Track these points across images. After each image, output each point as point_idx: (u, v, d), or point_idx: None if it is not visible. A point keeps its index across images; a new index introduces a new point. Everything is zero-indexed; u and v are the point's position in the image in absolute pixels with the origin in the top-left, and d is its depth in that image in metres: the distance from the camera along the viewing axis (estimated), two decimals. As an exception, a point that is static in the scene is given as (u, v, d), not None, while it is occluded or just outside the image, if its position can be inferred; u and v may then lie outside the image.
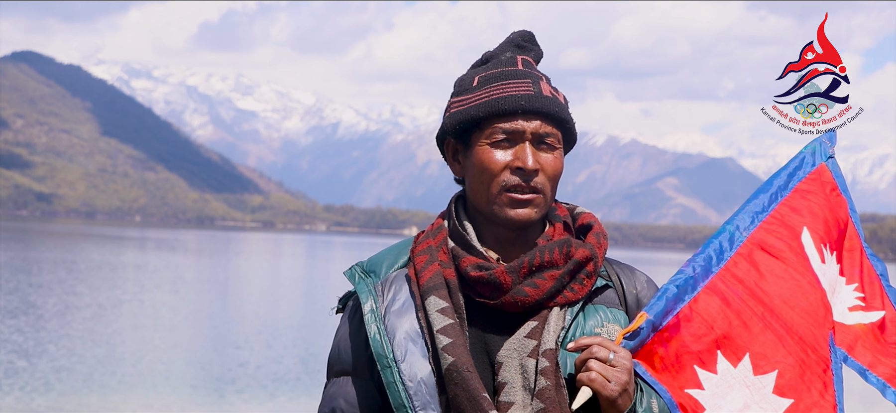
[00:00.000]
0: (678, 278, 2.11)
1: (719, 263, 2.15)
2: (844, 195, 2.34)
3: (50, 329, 21.49)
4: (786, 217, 2.24)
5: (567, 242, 2.02)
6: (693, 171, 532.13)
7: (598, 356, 1.93)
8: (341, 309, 2.13)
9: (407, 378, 1.95)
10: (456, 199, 2.11)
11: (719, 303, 2.11)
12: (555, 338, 1.97)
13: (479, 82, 2.04)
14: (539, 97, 2.01)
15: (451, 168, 2.09)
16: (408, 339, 1.98)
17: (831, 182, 2.33)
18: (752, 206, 2.24)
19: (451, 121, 2.04)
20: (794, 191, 2.27)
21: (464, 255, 2.02)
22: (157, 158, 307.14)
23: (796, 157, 2.32)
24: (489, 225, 2.05)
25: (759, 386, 2.07)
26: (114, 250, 67.43)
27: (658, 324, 2.07)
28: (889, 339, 2.25)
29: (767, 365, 2.08)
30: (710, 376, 2.06)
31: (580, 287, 2.01)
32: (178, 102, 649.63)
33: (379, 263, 2.10)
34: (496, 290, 1.98)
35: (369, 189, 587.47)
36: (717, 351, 2.07)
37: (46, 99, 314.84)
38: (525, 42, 2.10)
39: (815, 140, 2.34)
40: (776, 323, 2.11)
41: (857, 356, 2.19)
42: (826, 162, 2.33)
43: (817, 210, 2.27)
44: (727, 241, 2.18)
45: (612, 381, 1.92)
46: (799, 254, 2.20)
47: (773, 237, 2.21)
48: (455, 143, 2.06)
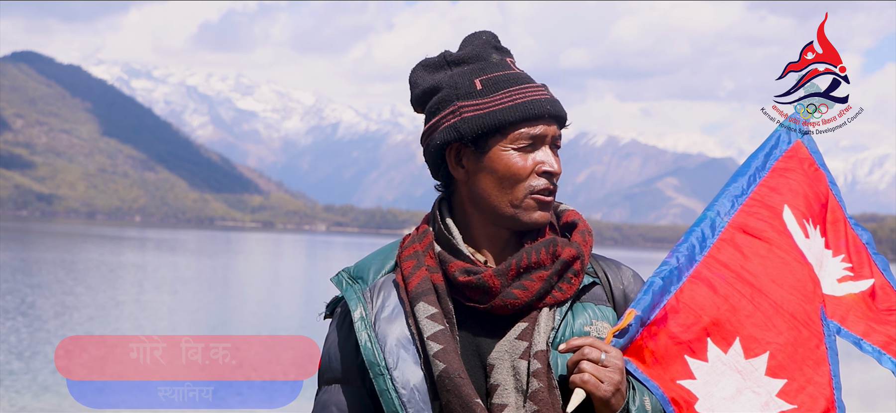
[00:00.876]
0: (663, 270, 2.11)
1: (703, 251, 2.15)
2: (823, 169, 2.33)
3: (49, 330, 21.43)
4: (765, 197, 2.23)
5: (553, 242, 2.02)
6: (693, 172, 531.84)
7: (590, 357, 1.94)
8: (329, 315, 2.12)
9: (400, 385, 1.95)
10: (440, 202, 2.10)
11: (706, 290, 2.10)
12: (545, 339, 1.97)
13: (488, 86, 2.03)
14: (555, 101, 2.04)
15: (454, 173, 2.06)
16: (399, 345, 1.98)
17: (809, 157, 2.32)
18: (732, 189, 2.24)
19: (467, 125, 2.01)
20: (772, 170, 2.27)
21: (451, 260, 2.02)
22: (157, 158, 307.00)
23: (772, 136, 2.33)
24: (491, 227, 2.05)
25: (750, 369, 2.07)
26: (113, 250, 67.38)
27: (646, 318, 2.06)
28: (880, 306, 2.24)
29: (758, 347, 2.08)
30: (700, 365, 2.06)
31: (568, 286, 2.02)
32: (177, 102, 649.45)
33: (366, 269, 2.09)
34: (485, 294, 1.99)
35: (369, 189, 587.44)
36: (707, 338, 2.07)
37: (46, 99, 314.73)
38: (500, 44, 2.10)
39: (786, 120, 2.34)
40: (765, 303, 2.11)
41: (850, 326, 2.19)
42: (801, 138, 2.33)
43: (797, 187, 2.27)
44: (709, 228, 2.18)
45: (604, 382, 1.93)
46: (782, 232, 2.20)
47: (754, 219, 2.21)
48: (461, 148, 2.04)
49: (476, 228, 2.06)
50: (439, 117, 2.06)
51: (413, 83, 2.12)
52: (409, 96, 2.11)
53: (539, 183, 2.01)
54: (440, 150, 2.05)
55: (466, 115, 2.02)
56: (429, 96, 2.09)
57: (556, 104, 2.04)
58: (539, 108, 2.01)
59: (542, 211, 2.03)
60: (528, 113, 2.00)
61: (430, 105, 2.08)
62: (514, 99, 2.01)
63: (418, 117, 2.12)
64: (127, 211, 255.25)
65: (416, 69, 2.11)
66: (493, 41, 2.10)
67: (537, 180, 2.01)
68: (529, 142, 2.01)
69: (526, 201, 2.01)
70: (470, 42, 2.10)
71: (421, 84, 2.10)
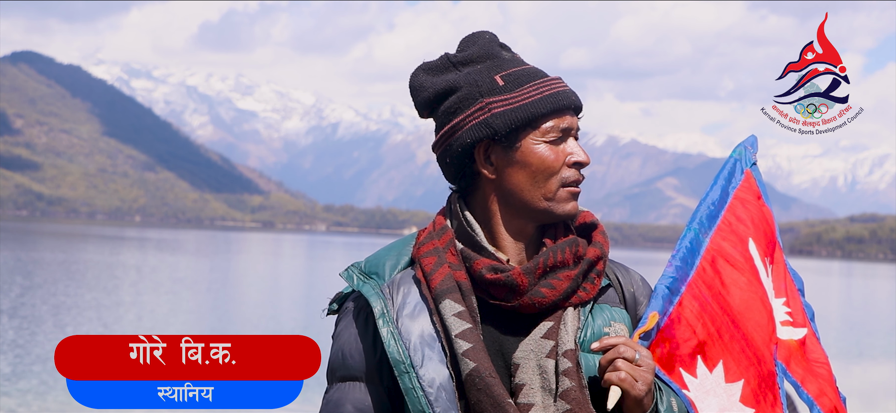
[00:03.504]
0: (666, 279, 2.12)
1: (693, 267, 2.16)
2: (767, 204, 2.33)
3: (48, 330, 21.42)
4: (733, 225, 2.24)
5: (575, 242, 2.03)
6: (693, 172, 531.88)
7: (626, 356, 1.95)
8: (335, 310, 2.09)
9: (426, 384, 1.94)
10: (457, 199, 2.08)
11: (699, 307, 2.13)
12: (574, 338, 1.98)
13: (510, 81, 2.03)
14: (575, 94, 2.05)
15: (483, 170, 2.04)
16: (423, 343, 1.96)
17: (756, 190, 2.31)
18: (705, 208, 2.23)
19: (500, 120, 2.00)
20: (734, 198, 2.27)
21: (476, 258, 2.01)
22: (156, 158, 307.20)
23: (728, 161, 2.31)
24: (518, 222, 2.05)
25: (730, 393, 2.10)
26: (113, 250, 67.38)
27: (660, 324, 2.09)
28: (810, 356, 2.26)
29: (736, 374, 2.11)
30: (692, 380, 2.09)
31: (591, 286, 2.03)
32: (177, 102, 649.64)
33: (380, 265, 2.08)
34: (512, 293, 1.99)
35: (369, 189, 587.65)
36: (698, 356, 2.10)
37: (46, 99, 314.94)
38: (503, 42, 2.11)
39: (740, 145, 2.34)
40: (738, 333, 2.14)
41: (792, 371, 2.21)
42: (750, 169, 2.32)
43: (756, 220, 2.27)
44: (696, 244, 2.18)
45: (639, 381, 1.94)
46: (750, 263, 2.21)
47: (728, 244, 2.21)
48: (490, 144, 2.03)
49: (499, 226, 2.05)
50: (463, 116, 2.03)
51: (418, 87, 2.08)
52: (410, 97, 2.11)
53: (571, 174, 2.02)
54: (469, 148, 2.03)
55: (496, 110, 2.01)
56: (442, 98, 2.06)
57: (576, 96, 2.06)
58: (566, 100, 2.02)
59: (574, 202, 2.04)
60: (557, 104, 2.01)
61: (446, 106, 2.05)
62: (542, 91, 2.01)
63: (418, 117, 2.12)
64: (127, 211, 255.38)
65: (418, 73, 2.09)
66: (497, 40, 2.10)
67: (568, 171, 2.02)
68: (559, 134, 2.02)
69: (559, 193, 2.02)
70: (474, 42, 2.08)
71: (429, 87, 2.07)
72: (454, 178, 2.07)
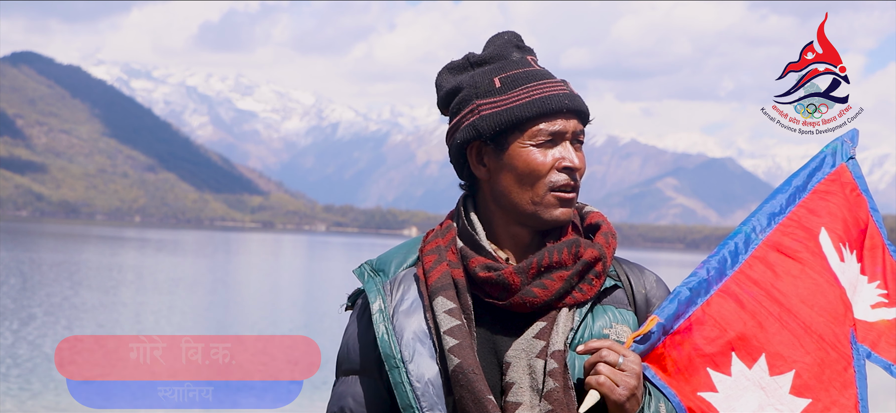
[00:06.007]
0: (691, 281, 2.11)
1: (734, 266, 2.15)
2: (865, 195, 2.34)
3: (48, 330, 21.42)
4: (803, 219, 2.25)
5: (576, 242, 2.02)
6: (693, 172, 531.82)
7: (608, 360, 1.94)
8: (350, 306, 2.13)
9: (414, 379, 1.95)
10: (465, 199, 2.11)
11: (733, 305, 2.11)
12: (563, 339, 1.97)
13: (506, 83, 2.04)
14: (574, 96, 2.04)
15: (476, 172, 2.07)
16: (416, 339, 1.98)
17: (851, 182, 2.33)
18: (770, 206, 2.24)
19: (486, 123, 2.02)
20: (813, 192, 2.28)
21: (472, 256, 2.03)
22: (156, 159, 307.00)
23: (816, 157, 2.33)
24: (513, 225, 2.05)
25: (775, 387, 2.08)
26: (113, 251, 67.38)
27: (669, 326, 2.07)
28: None
29: (784, 365, 2.09)
30: (723, 378, 2.06)
31: (589, 288, 2.01)
32: (177, 103, 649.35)
33: (388, 262, 2.11)
34: (505, 291, 1.99)
35: (369, 189, 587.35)
36: (732, 353, 2.08)
37: (46, 99, 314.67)
38: (522, 43, 2.11)
39: (837, 140, 2.35)
40: (794, 323, 2.12)
41: (881, 352, 2.20)
42: (846, 163, 2.33)
43: (836, 211, 2.28)
44: (742, 243, 2.19)
45: (620, 386, 1.93)
46: (816, 254, 2.21)
47: (789, 238, 2.22)
48: (482, 146, 2.05)
49: (498, 226, 2.06)
50: (460, 117, 2.07)
51: (437, 86, 2.13)
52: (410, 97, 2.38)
53: (559, 179, 2.01)
54: (462, 149, 2.06)
55: (485, 112, 2.02)
56: (451, 97, 2.10)
57: (575, 99, 2.03)
58: (557, 104, 2.00)
59: (563, 208, 2.02)
60: (545, 108, 2.00)
61: (452, 106, 2.09)
62: (531, 95, 2.01)
63: (418, 118, 3.37)
64: (127, 211, 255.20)
65: (441, 72, 2.12)
66: (516, 40, 2.10)
67: (557, 176, 2.01)
68: (548, 138, 2.00)
69: (546, 198, 2.01)
70: (493, 42, 2.10)
71: (444, 86, 2.11)
72: (459, 177, 2.11)
